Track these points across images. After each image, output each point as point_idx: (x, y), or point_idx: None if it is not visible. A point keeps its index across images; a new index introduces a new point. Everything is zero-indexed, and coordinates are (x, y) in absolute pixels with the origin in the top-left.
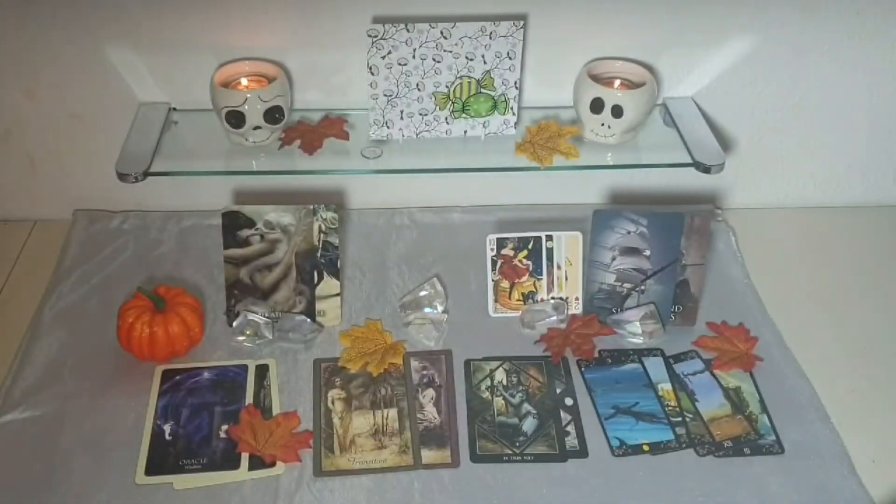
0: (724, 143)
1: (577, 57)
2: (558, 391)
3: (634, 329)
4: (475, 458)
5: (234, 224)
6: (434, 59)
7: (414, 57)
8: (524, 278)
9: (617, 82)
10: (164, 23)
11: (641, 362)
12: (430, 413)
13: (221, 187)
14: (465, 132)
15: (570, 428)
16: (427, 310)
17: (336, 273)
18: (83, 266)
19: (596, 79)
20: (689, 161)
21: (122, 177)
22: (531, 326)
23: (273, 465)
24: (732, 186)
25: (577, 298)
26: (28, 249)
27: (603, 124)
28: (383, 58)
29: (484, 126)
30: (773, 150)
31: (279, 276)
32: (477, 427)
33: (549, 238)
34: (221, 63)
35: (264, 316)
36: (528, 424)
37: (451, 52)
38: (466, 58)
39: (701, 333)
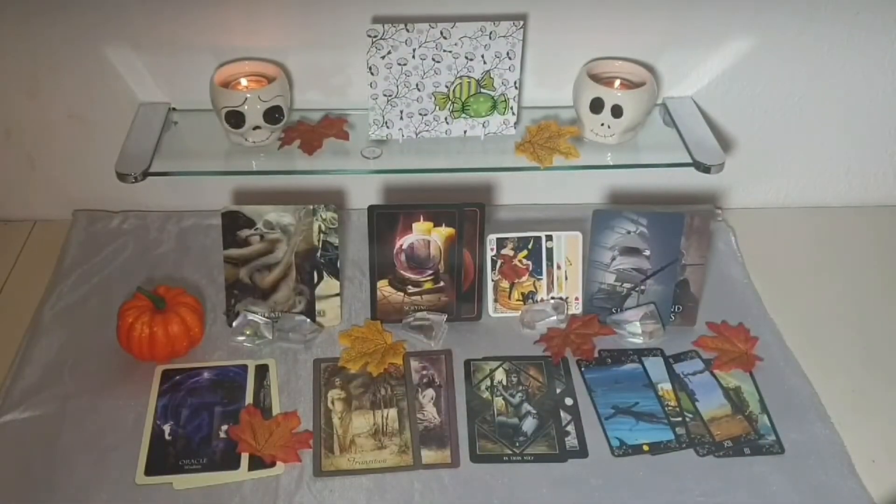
0: (724, 143)
1: (577, 57)
2: (558, 391)
3: (634, 329)
4: (475, 458)
5: (234, 224)
6: (434, 59)
7: (414, 57)
8: (524, 278)
9: (617, 82)
10: (164, 23)
11: (641, 362)
12: (430, 413)
13: (221, 187)
14: (465, 132)
15: (570, 428)
16: None
17: (336, 273)
18: (83, 266)
19: (596, 79)
20: (689, 161)
21: (122, 177)
22: (531, 326)
23: (273, 465)
24: (732, 186)
25: (576, 298)
26: (28, 249)
27: (603, 124)
28: (383, 58)
29: (484, 126)
30: (773, 150)
31: (279, 276)
32: (477, 427)
33: (549, 238)
34: (221, 63)
35: (264, 316)
36: (528, 424)
37: (450, 52)
38: (466, 58)
39: (701, 333)
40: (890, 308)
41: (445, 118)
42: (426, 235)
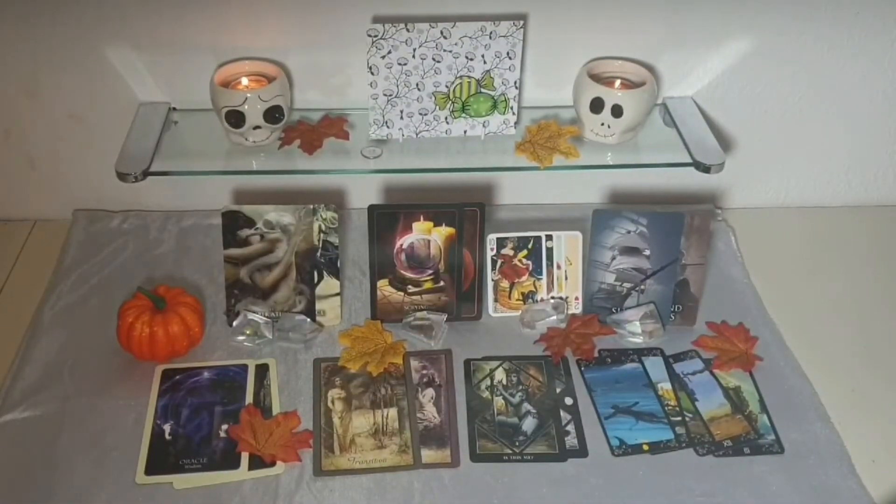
0: (724, 143)
1: (577, 57)
2: (558, 391)
3: (634, 329)
4: (475, 457)
5: (234, 224)
6: (434, 59)
7: (414, 57)
8: (524, 278)
9: (617, 82)
10: (164, 23)
11: (641, 362)
12: (430, 413)
13: (221, 187)
14: (465, 132)
15: (570, 427)
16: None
17: (336, 273)
18: (83, 266)
19: (596, 78)
20: (689, 161)
21: (122, 176)
22: (531, 326)
23: (273, 464)
24: (732, 186)
25: (576, 298)
26: (28, 249)
27: (603, 124)
28: (383, 57)
29: (484, 126)
30: (773, 150)
31: (279, 275)
32: (477, 427)
33: (549, 238)
34: (221, 63)
35: (264, 315)
36: (528, 424)
37: (450, 51)
38: (466, 57)
39: (701, 333)
40: (890, 308)
41: (445, 118)
42: (426, 235)
